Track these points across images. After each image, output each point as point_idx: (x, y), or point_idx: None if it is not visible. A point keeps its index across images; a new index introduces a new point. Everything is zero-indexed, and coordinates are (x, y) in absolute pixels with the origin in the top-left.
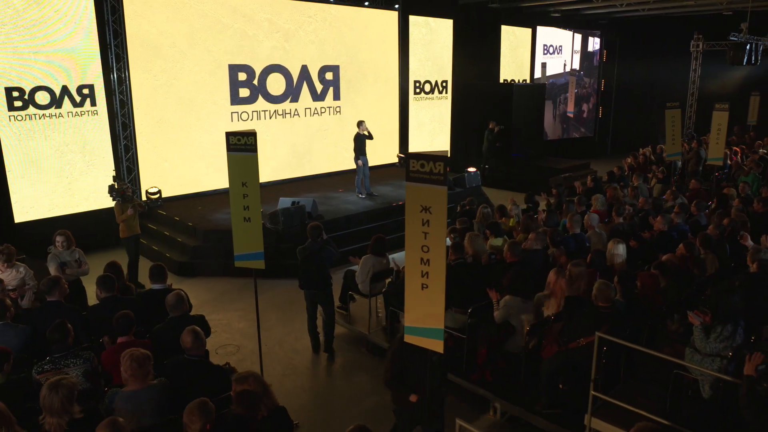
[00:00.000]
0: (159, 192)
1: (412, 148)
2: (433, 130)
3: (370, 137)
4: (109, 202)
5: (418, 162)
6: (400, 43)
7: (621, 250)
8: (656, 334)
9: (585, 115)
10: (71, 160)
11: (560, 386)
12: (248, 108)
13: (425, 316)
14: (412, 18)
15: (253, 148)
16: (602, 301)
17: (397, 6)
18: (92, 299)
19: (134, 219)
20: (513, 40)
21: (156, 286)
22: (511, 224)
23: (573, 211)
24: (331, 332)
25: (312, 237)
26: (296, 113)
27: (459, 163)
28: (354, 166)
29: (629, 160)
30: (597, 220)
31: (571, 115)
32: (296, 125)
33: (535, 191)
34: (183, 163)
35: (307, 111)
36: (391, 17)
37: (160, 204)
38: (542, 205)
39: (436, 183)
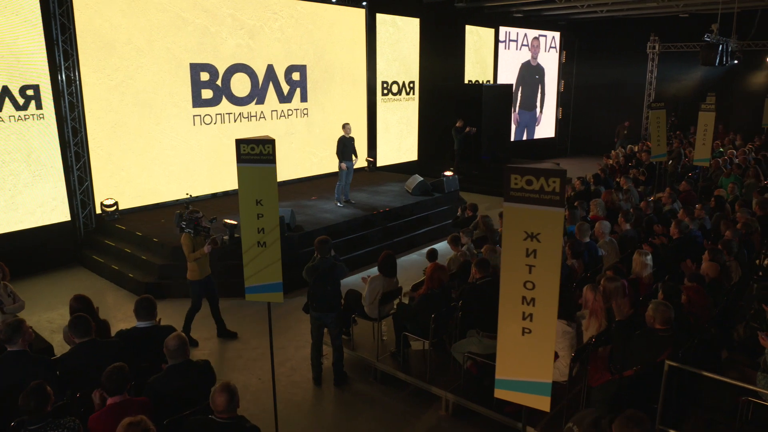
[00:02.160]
0: (116, 204)
1: (380, 151)
2: (400, 132)
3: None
4: (61, 216)
5: (522, 178)
6: (368, 43)
7: (649, 260)
8: (703, 354)
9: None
10: (14, 171)
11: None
12: (211, 110)
13: (526, 367)
14: (379, 16)
15: (270, 159)
16: (660, 323)
17: (364, 3)
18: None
19: (207, 257)
20: (477, 40)
21: (142, 324)
22: None
23: (576, 216)
24: (341, 361)
25: (322, 253)
26: (262, 116)
27: (428, 166)
28: (327, 171)
29: (610, 161)
30: (609, 228)
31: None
32: (262, 129)
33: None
34: (141, 172)
35: (274, 113)
36: (358, 15)
37: (116, 217)
38: None
39: (549, 204)
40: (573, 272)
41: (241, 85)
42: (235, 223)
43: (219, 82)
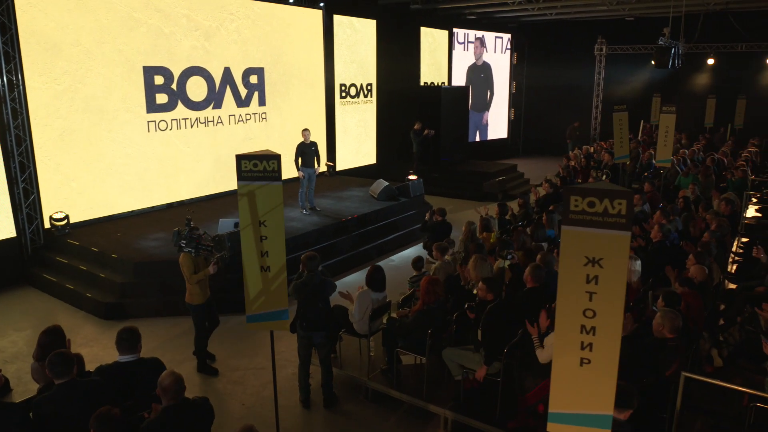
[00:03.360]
0: (66, 217)
1: (339, 155)
2: (359, 135)
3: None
4: (6, 232)
5: (584, 200)
6: (325, 44)
7: (638, 266)
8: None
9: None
10: None
11: None
12: (167, 116)
13: (584, 399)
14: (336, 17)
15: (275, 176)
16: (670, 332)
17: (321, 4)
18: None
19: (208, 278)
20: (432, 42)
21: (124, 358)
22: (492, 240)
23: (554, 220)
24: (331, 381)
25: (309, 269)
26: (220, 121)
27: (387, 170)
28: (287, 177)
29: (572, 162)
30: None
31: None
32: (220, 134)
33: (482, 198)
34: (93, 183)
35: (232, 118)
36: (315, 16)
37: (68, 232)
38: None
39: (613, 228)
40: None
41: (197, 89)
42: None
43: (174, 86)
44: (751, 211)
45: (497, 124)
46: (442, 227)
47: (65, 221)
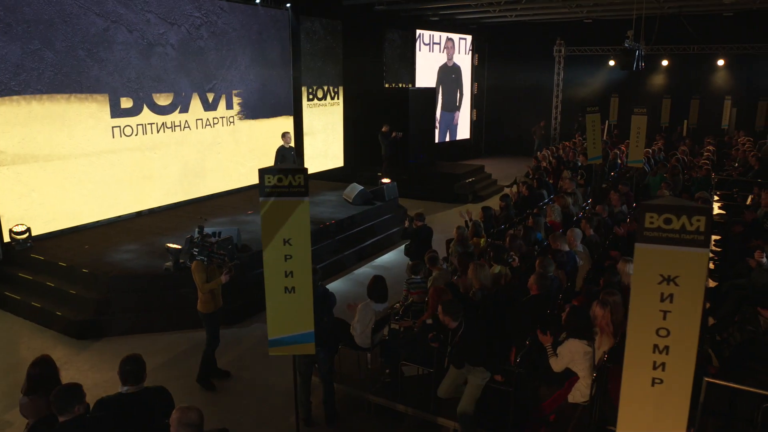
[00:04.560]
0: (28, 230)
1: (307, 158)
2: (326, 138)
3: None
4: None
5: (660, 217)
6: (292, 46)
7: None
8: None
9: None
10: None
11: None
12: (132, 121)
13: (655, 419)
14: (302, 18)
15: (302, 191)
16: None
17: (288, 5)
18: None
19: (220, 287)
20: (396, 43)
21: (128, 389)
22: (482, 244)
23: (541, 223)
24: (333, 398)
25: (312, 283)
26: (187, 125)
27: (355, 173)
28: (257, 182)
29: (544, 163)
30: (581, 236)
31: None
32: (187, 139)
33: (453, 199)
34: (55, 193)
35: (199, 122)
36: (282, 17)
37: (30, 245)
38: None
39: (691, 245)
40: (560, 284)
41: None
42: (179, 247)
43: (139, 90)
44: (715, 209)
45: (461, 124)
46: (423, 232)
47: (27, 234)
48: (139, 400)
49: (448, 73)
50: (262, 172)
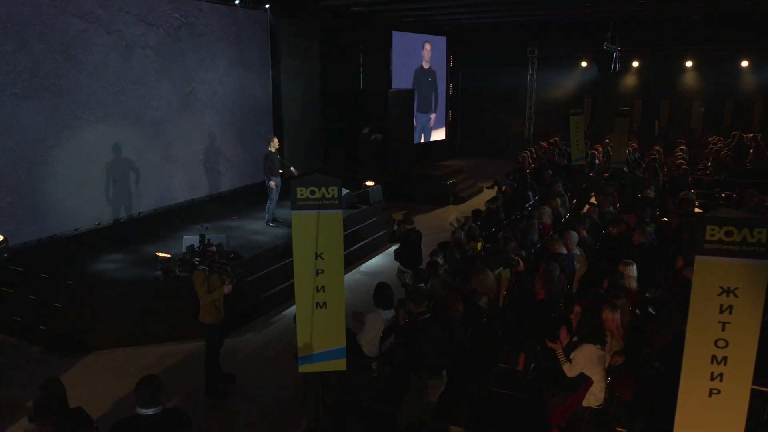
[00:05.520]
0: (5, 241)
1: (291, 159)
2: (306, 141)
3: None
4: None
5: (721, 230)
6: (271, 47)
7: (635, 271)
8: None
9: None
10: None
11: None
12: (110, 125)
13: (711, 429)
14: (281, 20)
15: (336, 204)
16: None
17: (267, 6)
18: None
19: (223, 296)
20: (373, 44)
21: (147, 411)
22: (479, 248)
23: (535, 225)
24: (339, 408)
25: None
26: (165, 128)
27: (335, 175)
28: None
29: (526, 164)
30: (577, 239)
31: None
32: (166, 143)
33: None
34: (31, 199)
35: (177, 125)
36: (261, 18)
37: (6, 257)
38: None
39: (752, 257)
40: (563, 288)
41: (141, 91)
42: (169, 256)
43: (115, 90)
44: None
45: (436, 126)
46: (412, 235)
47: (4, 245)
48: (158, 422)
49: (425, 76)
50: (296, 184)
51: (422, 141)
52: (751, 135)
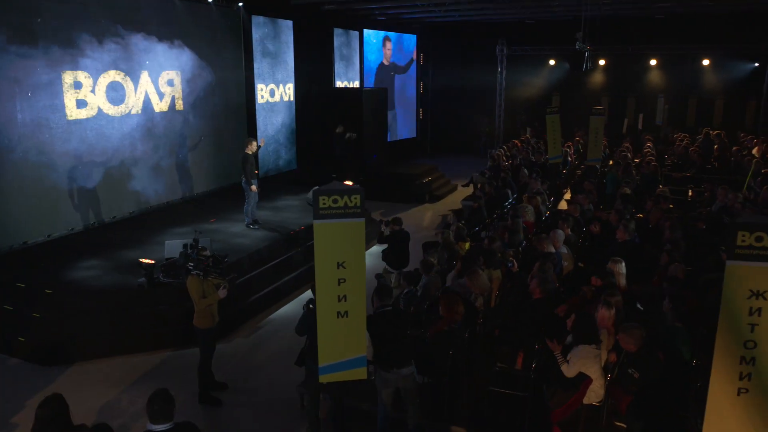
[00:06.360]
0: None
1: (263, 160)
2: (278, 139)
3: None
4: None
5: (752, 235)
6: (244, 45)
7: (624, 268)
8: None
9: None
10: None
11: None
12: (83, 123)
13: (740, 427)
14: (254, 18)
15: (358, 212)
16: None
17: (240, 4)
18: None
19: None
20: (344, 42)
21: (158, 427)
22: (466, 248)
23: (520, 225)
24: (342, 412)
25: None
26: (137, 129)
27: (309, 175)
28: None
29: (508, 162)
30: (563, 237)
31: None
32: (136, 144)
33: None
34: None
35: (148, 126)
36: (234, 15)
37: None
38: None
39: None
40: (555, 287)
41: (113, 91)
42: (153, 262)
43: (90, 89)
44: None
45: (407, 124)
46: (399, 236)
47: None
48: None
49: (387, 71)
50: (317, 193)
51: (388, 139)
52: (715, 132)
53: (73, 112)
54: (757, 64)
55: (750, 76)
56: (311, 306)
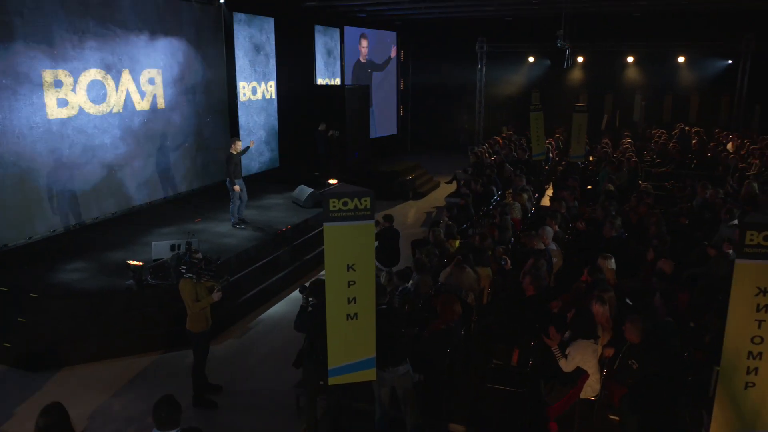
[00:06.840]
0: None
1: (245, 158)
2: (260, 137)
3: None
4: None
5: (760, 234)
6: (226, 42)
7: (613, 264)
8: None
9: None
10: None
11: None
12: (66, 123)
13: (748, 418)
14: (236, 15)
15: (368, 214)
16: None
17: (222, 1)
18: None
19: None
20: (326, 40)
21: None
22: (456, 245)
23: (508, 223)
24: (340, 412)
25: (319, 297)
26: (117, 127)
27: (292, 173)
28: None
29: (492, 158)
30: (552, 234)
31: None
32: (117, 143)
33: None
34: None
35: (128, 124)
36: (214, 12)
37: None
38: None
39: None
40: (548, 284)
41: (94, 90)
42: (141, 264)
43: (71, 88)
44: None
45: (387, 121)
46: (389, 233)
47: None
48: None
49: (364, 69)
50: (327, 195)
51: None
52: (694, 129)
53: (53, 111)
54: (730, 62)
55: (724, 73)
56: (311, 304)
